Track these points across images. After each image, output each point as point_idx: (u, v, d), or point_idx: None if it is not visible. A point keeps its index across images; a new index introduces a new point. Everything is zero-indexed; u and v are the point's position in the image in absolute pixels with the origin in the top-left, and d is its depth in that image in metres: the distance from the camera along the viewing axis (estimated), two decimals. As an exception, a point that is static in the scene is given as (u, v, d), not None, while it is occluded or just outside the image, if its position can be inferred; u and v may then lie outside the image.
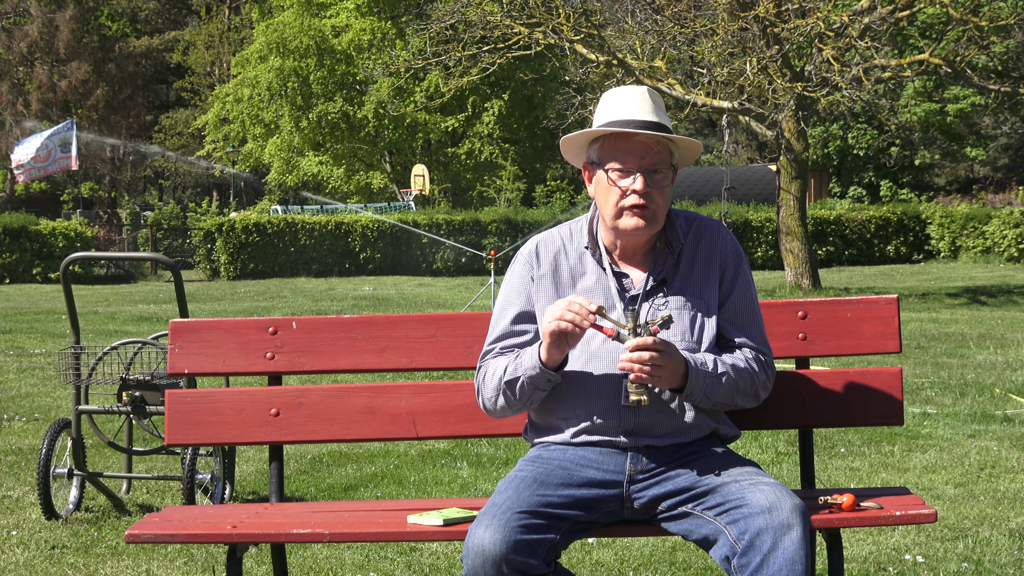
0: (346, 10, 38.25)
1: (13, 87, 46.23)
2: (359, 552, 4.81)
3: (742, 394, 3.04)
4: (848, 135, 38.65)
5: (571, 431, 3.06)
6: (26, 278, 27.34)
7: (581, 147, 3.18)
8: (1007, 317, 15.54)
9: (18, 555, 4.84)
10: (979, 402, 8.38)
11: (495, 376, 3.06)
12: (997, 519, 5.16)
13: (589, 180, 3.14)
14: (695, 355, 2.99)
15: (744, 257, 3.17)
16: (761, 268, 28.74)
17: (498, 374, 3.05)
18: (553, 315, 2.90)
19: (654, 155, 3.04)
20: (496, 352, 3.13)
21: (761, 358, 3.09)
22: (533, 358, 2.98)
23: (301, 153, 38.19)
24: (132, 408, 5.41)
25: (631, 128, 3.02)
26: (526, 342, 3.11)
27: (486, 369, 3.11)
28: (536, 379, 2.98)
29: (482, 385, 3.11)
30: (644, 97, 3.07)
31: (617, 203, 3.04)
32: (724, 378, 2.99)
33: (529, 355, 2.99)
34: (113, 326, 15.01)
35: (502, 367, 3.05)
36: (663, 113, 3.08)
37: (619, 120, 3.05)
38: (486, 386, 3.09)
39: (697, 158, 3.24)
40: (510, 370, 3.02)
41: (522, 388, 3.01)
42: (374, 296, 21.54)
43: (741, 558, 2.80)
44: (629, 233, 3.05)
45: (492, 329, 3.18)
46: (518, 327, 3.13)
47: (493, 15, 18.70)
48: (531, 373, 2.98)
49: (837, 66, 17.13)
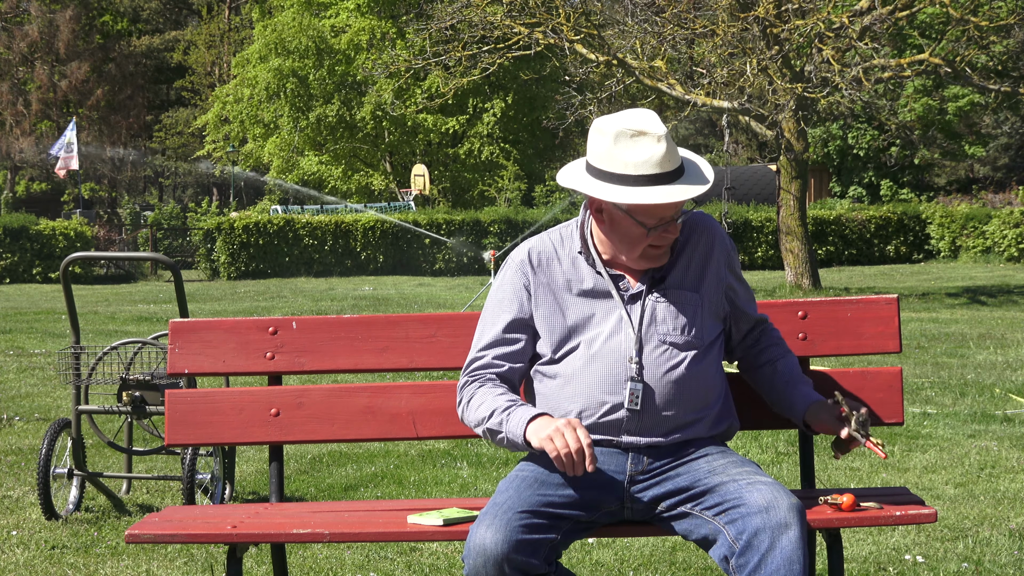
0: (346, 10, 38.24)
1: (13, 87, 46.23)
2: (359, 552, 4.81)
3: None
4: (848, 135, 38.64)
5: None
6: (26, 278, 27.35)
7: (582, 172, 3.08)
8: (1007, 317, 15.54)
9: (18, 555, 4.84)
10: (979, 402, 8.39)
11: (479, 411, 3.01)
12: (997, 519, 5.16)
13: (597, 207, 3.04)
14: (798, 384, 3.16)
15: (734, 246, 3.20)
16: (761, 268, 28.74)
17: (482, 412, 3.00)
18: (551, 441, 2.83)
19: (678, 203, 3.00)
20: (487, 362, 3.09)
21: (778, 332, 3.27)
22: (519, 431, 2.92)
23: (301, 153, 38.18)
24: (132, 408, 5.41)
25: (659, 199, 2.91)
26: (516, 351, 3.09)
27: (473, 393, 3.06)
28: (517, 446, 2.96)
29: (466, 407, 3.08)
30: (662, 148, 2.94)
31: (640, 245, 3.01)
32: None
33: (517, 423, 2.93)
34: (113, 326, 15.01)
35: (488, 407, 2.99)
36: (675, 148, 2.98)
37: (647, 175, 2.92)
38: (470, 411, 3.06)
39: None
40: (495, 420, 2.97)
41: (501, 442, 2.99)
42: (374, 296, 21.54)
43: (739, 558, 2.81)
44: (648, 263, 3.06)
45: (481, 333, 3.14)
46: (509, 335, 3.10)
47: (494, 15, 18.69)
48: (514, 441, 2.94)
49: (837, 66, 17.14)
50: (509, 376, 3.09)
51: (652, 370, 3.01)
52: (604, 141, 2.98)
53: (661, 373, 3.01)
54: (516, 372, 3.10)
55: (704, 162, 3.08)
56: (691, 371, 3.03)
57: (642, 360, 3.01)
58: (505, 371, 3.08)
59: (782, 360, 3.20)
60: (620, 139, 2.95)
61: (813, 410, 3.08)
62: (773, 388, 3.19)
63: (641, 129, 2.95)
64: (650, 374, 3.01)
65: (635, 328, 3.03)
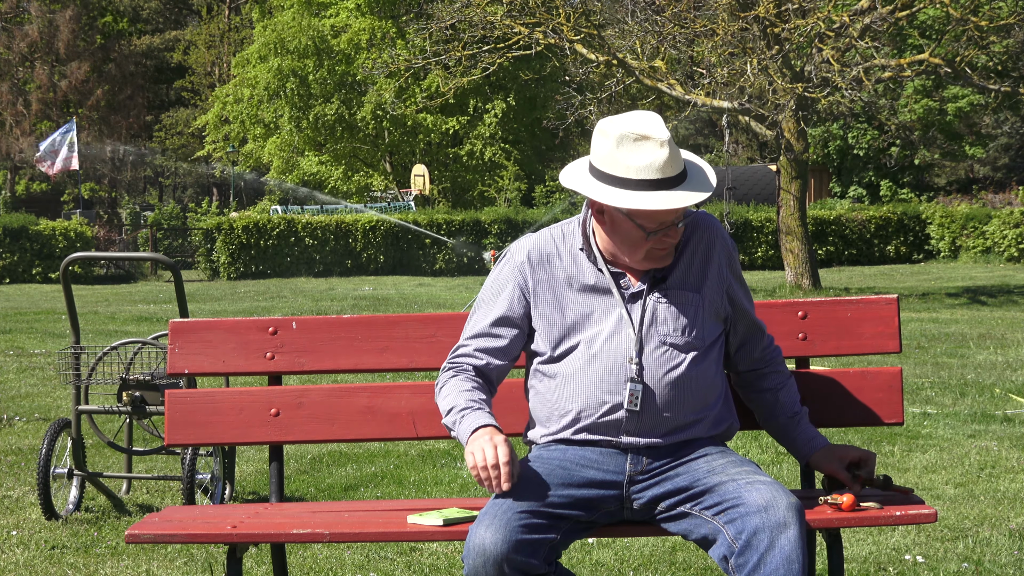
0: (346, 9, 38.22)
1: (13, 87, 46.21)
2: (359, 552, 4.81)
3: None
4: (848, 135, 38.64)
5: (572, 431, 3.06)
6: (26, 278, 27.34)
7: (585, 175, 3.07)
8: (1007, 317, 15.54)
9: (18, 555, 4.84)
10: (979, 402, 8.38)
11: (443, 403, 3.06)
12: (997, 519, 5.16)
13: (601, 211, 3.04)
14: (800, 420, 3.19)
15: (735, 247, 3.19)
16: (761, 268, 28.73)
17: (444, 405, 3.05)
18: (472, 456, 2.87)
19: (680, 209, 2.99)
20: (468, 352, 3.12)
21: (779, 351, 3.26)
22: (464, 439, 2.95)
23: (301, 153, 38.18)
24: (132, 408, 5.41)
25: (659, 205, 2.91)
26: (499, 348, 3.11)
27: (445, 382, 3.10)
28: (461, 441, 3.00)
29: (438, 394, 3.11)
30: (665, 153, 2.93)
31: (642, 248, 3.01)
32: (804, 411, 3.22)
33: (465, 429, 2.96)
34: (113, 326, 15.01)
35: (450, 402, 3.02)
36: (678, 153, 2.97)
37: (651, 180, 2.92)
38: (439, 399, 3.10)
39: None
40: (451, 419, 3.01)
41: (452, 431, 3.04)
42: (374, 296, 21.53)
43: (738, 557, 2.81)
44: (650, 265, 3.05)
45: (470, 323, 3.17)
46: (496, 330, 3.12)
47: (494, 15, 18.70)
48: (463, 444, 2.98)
49: (837, 66, 17.14)
50: (486, 371, 3.11)
51: (652, 371, 3.01)
52: (607, 144, 2.97)
53: (661, 374, 3.01)
54: (495, 368, 3.12)
55: (707, 166, 3.07)
56: (691, 372, 3.03)
57: (642, 361, 3.01)
58: (483, 364, 3.10)
59: (784, 391, 3.21)
60: (623, 142, 2.95)
61: (819, 457, 3.16)
62: (773, 418, 3.23)
63: (644, 133, 2.94)
64: (650, 375, 3.01)
65: (635, 328, 3.03)
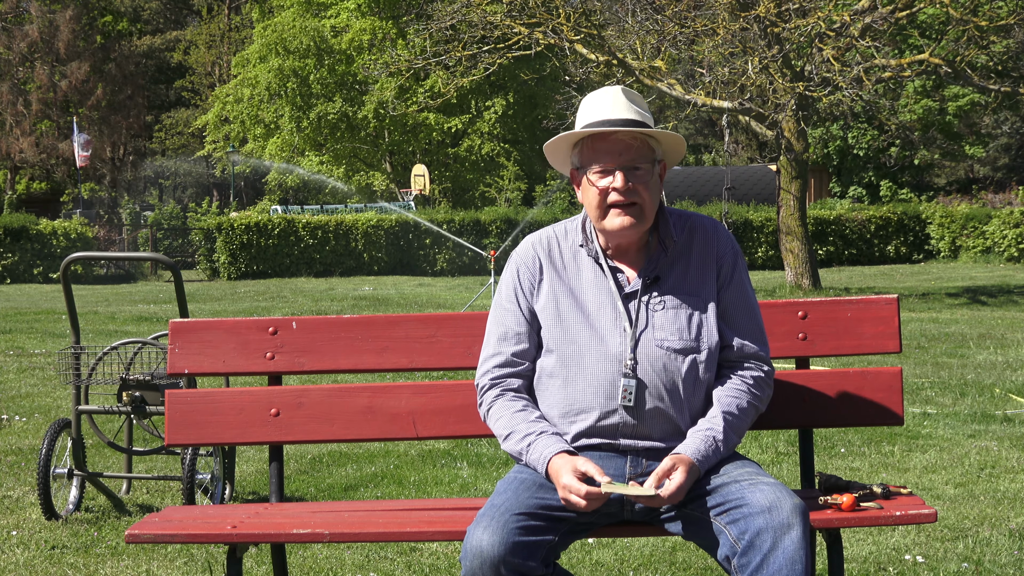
0: (346, 10, 38.23)
1: (13, 87, 46.22)
2: (359, 552, 4.81)
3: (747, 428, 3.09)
4: (848, 135, 38.66)
5: (571, 434, 3.05)
6: (26, 278, 27.35)
7: (566, 154, 3.19)
8: (1007, 317, 15.54)
9: (18, 555, 4.84)
10: (979, 402, 8.38)
11: (498, 427, 3.08)
12: (997, 519, 5.16)
13: (577, 185, 3.15)
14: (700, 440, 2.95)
15: (741, 255, 3.17)
16: (761, 268, 28.74)
17: (501, 430, 3.06)
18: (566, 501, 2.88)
19: (633, 151, 3.05)
20: (506, 359, 3.11)
21: (761, 374, 3.09)
22: (542, 462, 2.95)
23: (302, 153, 38.18)
24: (132, 408, 5.41)
25: (606, 127, 3.03)
26: (528, 349, 3.12)
27: (492, 403, 3.11)
28: (536, 471, 3.00)
29: (487, 415, 3.13)
30: (618, 96, 3.08)
31: (601, 203, 3.05)
32: (728, 440, 2.99)
33: (539, 455, 2.96)
34: (113, 326, 15.01)
35: (507, 426, 3.04)
36: (642, 110, 3.09)
37: (595, 121, 3.07)
38: (491, 420, 3.11)
39: (684, 154, 3.21)
40: (515, 447, 3.02)
41: (520, 460, 3.04)
42: (374, 296, 21.53)
43: (741, 558, 2.80)
44: (617, 232, 3.06)
45: (495, 330, 3.16)
46: (521, 330, 3.13)
47: (494, 15, 18.70)
48: (535, 467, 2.98)
49: (837, 66, 17.13)
50: (527, 373, 3.14)
51: (648, 374, 3.01)
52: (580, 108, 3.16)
53: (658, 377, 3.01)
54: (528, 373, 3.14)
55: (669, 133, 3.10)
56: (689, 374, 3.03)
57: (636, 356, 3.01)
58: (524, 369, 3.13)
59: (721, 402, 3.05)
60: (588, 99, 3.13)
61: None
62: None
63: (605, 89, 3.11)
64: (647, 378, 3.01)
65: (632, 330, 3.03)
